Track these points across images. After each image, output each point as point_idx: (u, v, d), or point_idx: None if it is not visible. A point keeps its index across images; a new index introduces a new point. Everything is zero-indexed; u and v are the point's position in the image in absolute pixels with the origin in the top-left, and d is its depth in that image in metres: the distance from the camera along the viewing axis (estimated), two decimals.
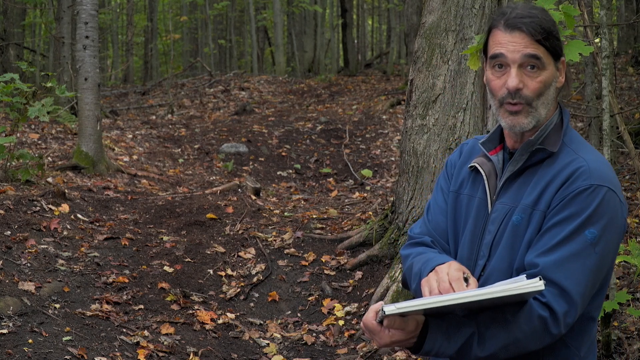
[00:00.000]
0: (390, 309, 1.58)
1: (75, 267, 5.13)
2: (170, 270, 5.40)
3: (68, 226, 5.80)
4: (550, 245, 1.71)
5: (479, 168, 1.91)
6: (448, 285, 1.69)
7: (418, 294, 1.81)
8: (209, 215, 6.41)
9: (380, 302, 1.66)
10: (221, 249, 5.83)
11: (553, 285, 1.68)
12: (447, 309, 1.66)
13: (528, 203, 1.79)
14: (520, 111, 1.79)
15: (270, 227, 6.34)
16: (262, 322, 4.99)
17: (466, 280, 1.72)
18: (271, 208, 7.09)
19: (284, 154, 10.63)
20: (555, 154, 1.81)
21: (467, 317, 1.71)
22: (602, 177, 1.75)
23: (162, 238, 5.99)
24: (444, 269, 1.75)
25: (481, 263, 1.85)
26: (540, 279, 1.57)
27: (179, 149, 10.63)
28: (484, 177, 1.89)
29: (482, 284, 1.82)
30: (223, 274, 5.51)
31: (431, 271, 1.79)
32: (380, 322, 1.68)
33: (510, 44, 1.78)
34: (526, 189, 1.81)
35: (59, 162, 8.27)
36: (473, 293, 1.60)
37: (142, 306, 4.84)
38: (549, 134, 1.83)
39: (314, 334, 4.84)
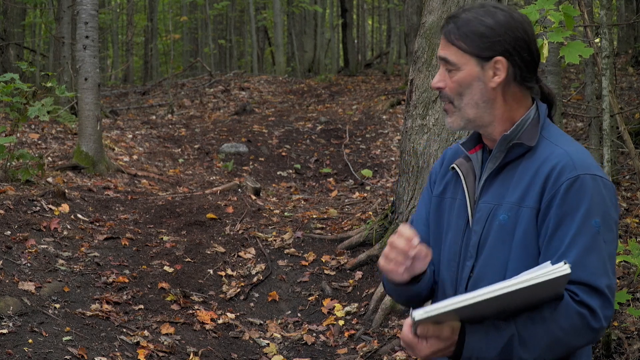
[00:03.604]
0: (419, 313, 1.56)
1: (75, 267, 5.13)
2: (170, 270, 5.40)
3: (68, 226, 5.80)
4: (563, 249, 1.69)
5: (457, 169, 1.91)
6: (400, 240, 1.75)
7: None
8: (209, 215, 6.41)
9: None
10: (221, 249, 5.83)
11: (581, 285, 1.67)
12: (479, 310, 1.61)
13: (513, 201, 1.77)
14: (447, 110, 1.87)
15: (270, 227, 6.34)
16: (262, 322, 4.99)
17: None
18: (271, 208, 7.09)
19: (284, 154, 10.62)
20: (534, 147, 1.80)
21: (504, 321, 1.67)
22: (585, 165, 1.73)
23: (162, 238, 6.00)
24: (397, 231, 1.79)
25: (469, 264, 1.83)
26: (565, 263, 1.55)
27: (179, 149, 10.63)
28: (462, 178, 1.89)
29: (473, 284, 1.80)
30: (223, 274, 5.51)
31: None
32: (416, 334, 1.64)
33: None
34: (509, 186, 1.80)
35: (59, 162, 8.27)
36: (500, 286, 1.56)
37: (142, 306, 4.84)
38: (527, 129, 1.82)
39: (314, 334, 4.84)
